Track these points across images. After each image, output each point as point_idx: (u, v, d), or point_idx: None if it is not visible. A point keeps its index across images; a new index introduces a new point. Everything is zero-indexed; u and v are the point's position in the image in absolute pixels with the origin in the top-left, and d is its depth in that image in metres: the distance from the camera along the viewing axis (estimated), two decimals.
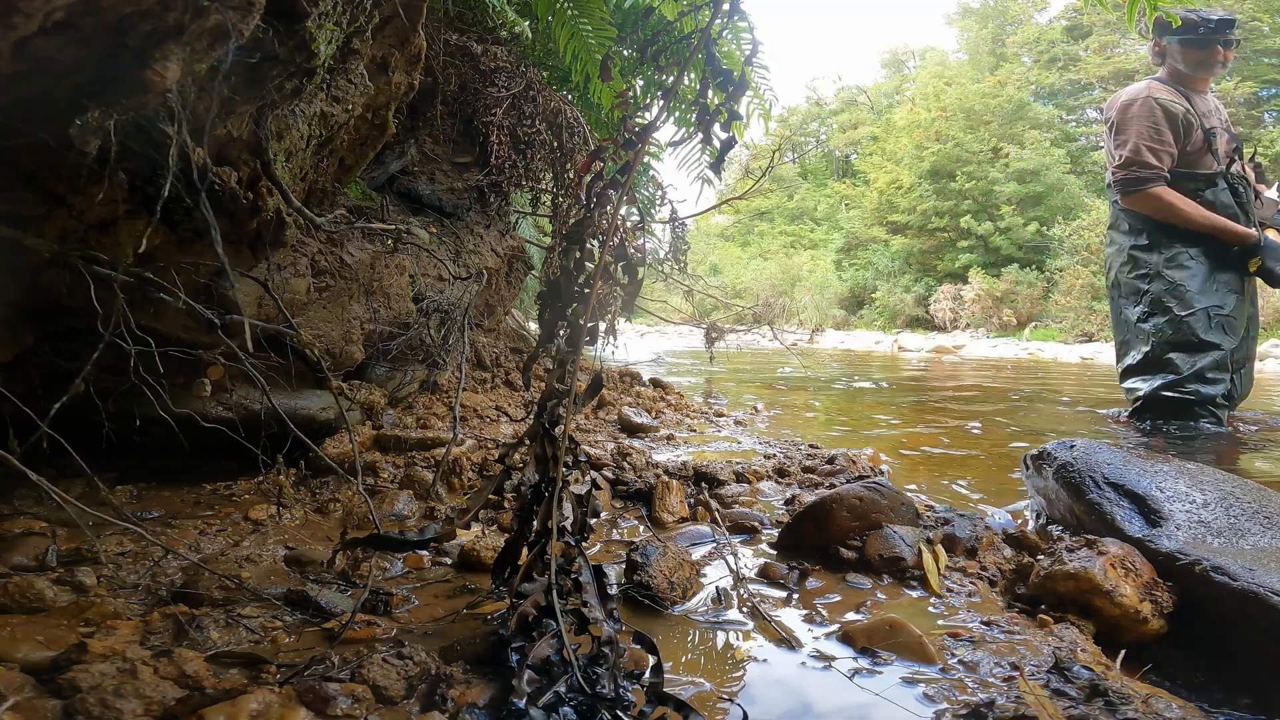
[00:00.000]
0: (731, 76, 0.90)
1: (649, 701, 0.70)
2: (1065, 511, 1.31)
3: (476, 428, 2.11)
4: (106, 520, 0.97)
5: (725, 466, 1.70)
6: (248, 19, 0.86)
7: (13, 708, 0.66)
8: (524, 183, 2.69)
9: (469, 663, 0.79)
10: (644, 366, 4.90)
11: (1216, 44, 2.68)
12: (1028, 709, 0.73)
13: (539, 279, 3.32)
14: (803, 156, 40.07)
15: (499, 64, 2.51)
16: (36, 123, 0.88)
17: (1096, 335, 14.65)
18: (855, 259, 25.33)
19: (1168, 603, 0.96)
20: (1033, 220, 19.72)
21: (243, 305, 1.16)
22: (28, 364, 1.22)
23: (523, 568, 0.85)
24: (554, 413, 0.90)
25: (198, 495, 1.42)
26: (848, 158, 38.05)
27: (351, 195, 2.01)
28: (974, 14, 33.08)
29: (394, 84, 1.57)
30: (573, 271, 0.91)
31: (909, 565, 1.14)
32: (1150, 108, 2.67)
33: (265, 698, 0.69)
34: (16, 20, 0.69)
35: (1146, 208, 2.72)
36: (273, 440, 1.34)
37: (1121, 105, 2.77)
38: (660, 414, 2.68)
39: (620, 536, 1.35)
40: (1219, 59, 2.71)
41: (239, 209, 1.14)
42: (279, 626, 0.88)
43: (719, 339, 4.58)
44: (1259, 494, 1.17)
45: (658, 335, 11.94)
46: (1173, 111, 2.65)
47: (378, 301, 1.85)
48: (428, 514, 1.40)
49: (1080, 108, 28.05)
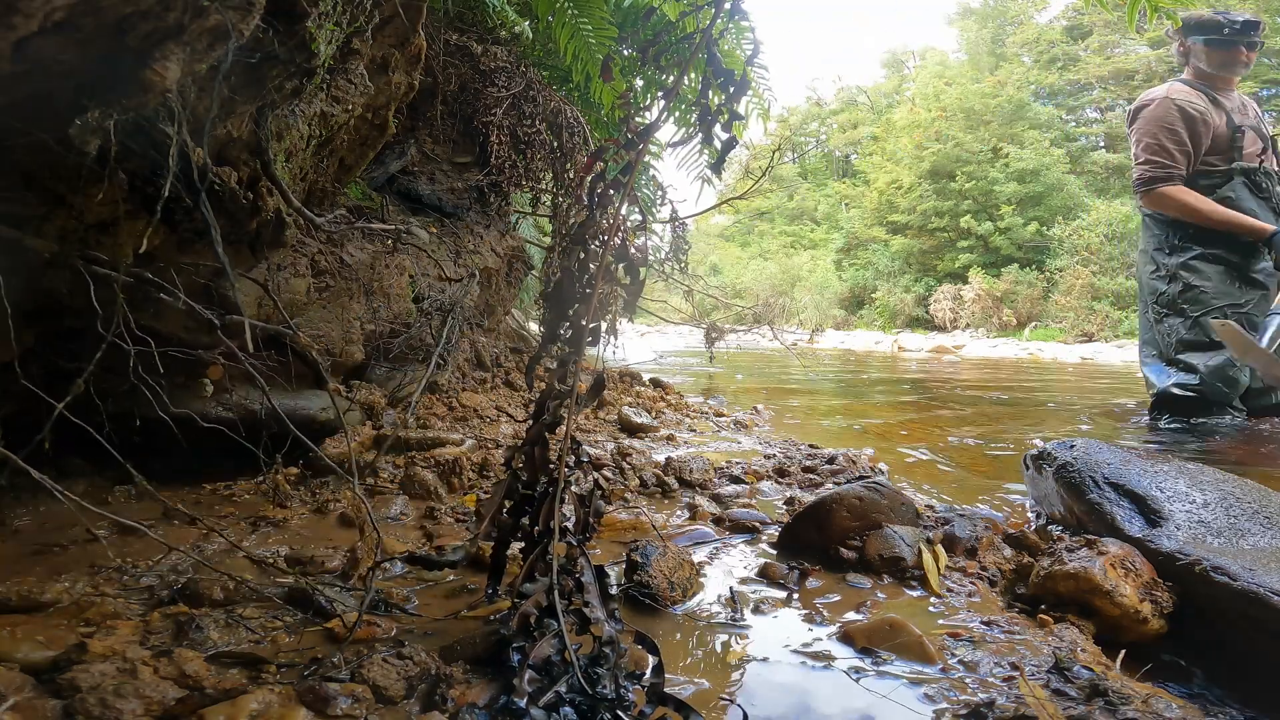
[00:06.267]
0: (733, 77, 0.90)
1: (649, 701, 0.70)
2: (1065, 511, 1.31)
3: (477, 428, 2.11)
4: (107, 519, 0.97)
5: (704, 464, 1.70)
6: (248, 19, 0.86)
7: (13, 708, 0.66)
8: (524, 183, 2.69)
9: (469, 663, 0.79)
10: (644, 366, 4.90)
11: (1240, 45, 2.74)
12: (1028, 709, 0.73)
13: (539, 279, 3.32)
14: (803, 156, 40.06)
15: (499, 64, 2.51)
16: (36, 123, 0.88)
17: (1096, 335, 14.66)
18: (855, 259, 25.33)
19: (1168, 603, 0.96)
20: (1033, 220, 19.71)
21: (243, 305, 1.16)
22: (28, 364, 1.22)
23: (524, 568, 0.85)
24: (555, 413, 0.90)
25: (198, 495, 1.42)
26: (848, 158, 38.04)
27: (351, 195, 2.01)
28: (974, 14, 33.07)
29: (394, 84, 1.57)
30: (575, 272, 0.91)
31: (909, 565, 1.14)
32: (1167, 108, 2.71)
33: (265, 698, 0.69)
34: (16, 20, 0.69)
35: (1162, 206, 2.76)
36: (273, 440, 1.34)
37: (1139, 107, 2.82)
38: (660, 414, 2.68)
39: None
40: (1242, 60, 2.76)
41: (239, 209, 1.14)
42: (279, 626, 0.88)
43: (719, 339, 4.58)
44: (1259, 494, 1.17)
45: (658, 335, 11.94)
46: (1191, 112, 2.69)
47: (378, 301, 1.85)
48: (427, 514, 1.40)
49: (1080, 108, 28.05)
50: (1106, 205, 17.18)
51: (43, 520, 1.22)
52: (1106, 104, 27.04)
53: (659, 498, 1.59)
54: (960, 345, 12.47)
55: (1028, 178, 20.44)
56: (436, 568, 1.07)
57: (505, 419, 2.25)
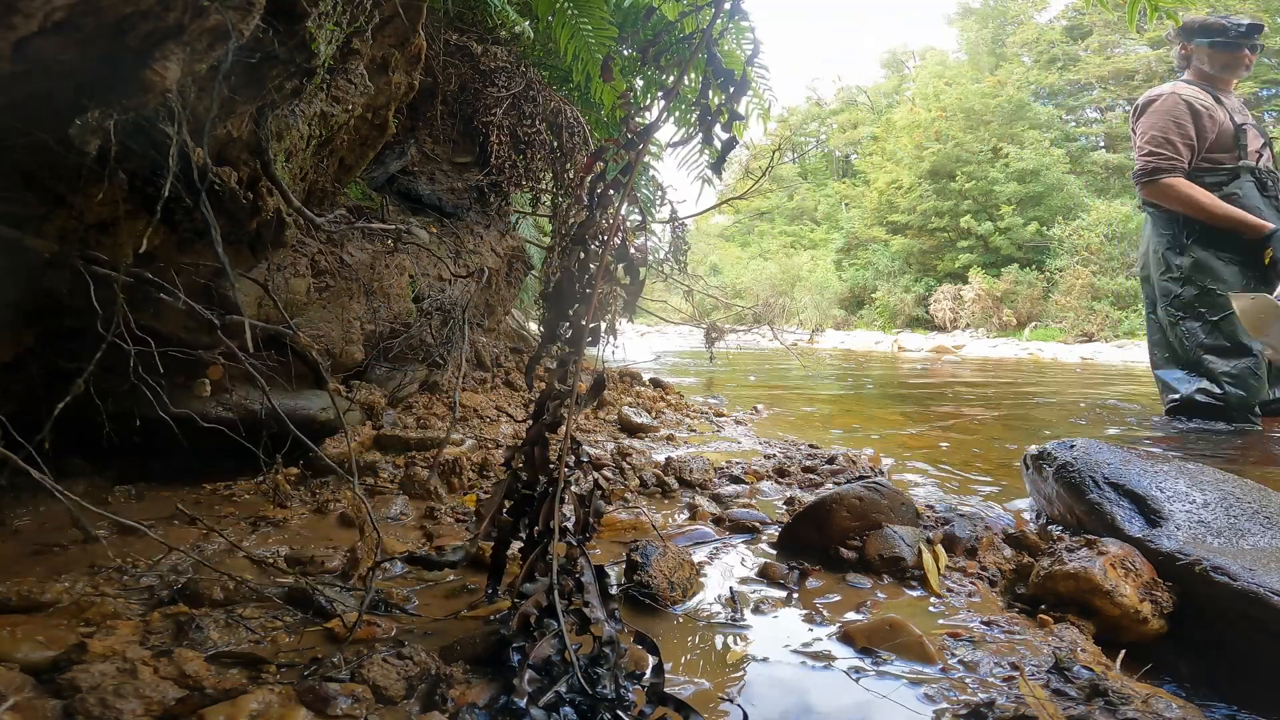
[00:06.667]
0: (733, 77, 0.90)
1: (649, 701, 0.70)
2: (1065, 511, 1.31)
3: (477, 428, 2.11)
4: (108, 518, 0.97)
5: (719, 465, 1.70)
6: (248, 19, 0.86)
7: (13, 708, 0.66)
8: (524, 183, 2.69)
9: (469, 663, 0.79)
10: (644, 366, 4.90)
11: (1244, 48, 2.76)
12: (1028, 709, 0.73)
13: (539, 279, 3.32)
14: (803, 156, 40.05)
15: (499, 64, 2.51)
16: (36, 123, 0.88)
17: (1096, 335, 14.65)
18: (855, 259, 25.32)
19: (1168, 603, 0.96)
20: (1033, 220, 19.71)
21: (243, 305, 1.16)
22: (29, 364, 1.22)
23: (524, 567, 0.85)
24: (555, 413, 0.90)
25: (198, 495, 1.42)
26: (848, 158, 38.03)
27: (351, 195, 2.01)
28: (974, 14, 33.06)
29: (394, 84, 1.57)
30: (575, 272, 0.91)
31: (909, 565, 1.14)
32: (1174, 102, 2.72)
33: (265, 698, 0.69)
34: (16, 20, 0.69)
35: (1163, 197, 2.75)
36: (273, 440, 1.34)
37: (1145, 101, 2.82)
38: (660, 414, 2.68)
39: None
40: (1244, 62, 2.79)
41: (239, 209, 1.14)
42: (279, 626, 0.88)
43: (719, 339, 4.58)
44: (1259, 494, 1.17)
45: (658, 335, 11.94)
46: (1197, 107, 2.69)
47: (378, 301, 1.85)
48: (427, 514, 1.40)
49: (1080, 108, 28.05)
50: (1106, 205, 17.18)
51: (43, 520, 1.22)
52: (1106, 104, 27.04)
53: (659, 498, 1.59)
54: (960, 345, 12.46)
55: (1028, 178, 20.44)
56: (436, 568, 1.07)
57: (505, 419, 2.25)
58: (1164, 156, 2.69)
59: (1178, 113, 2.70)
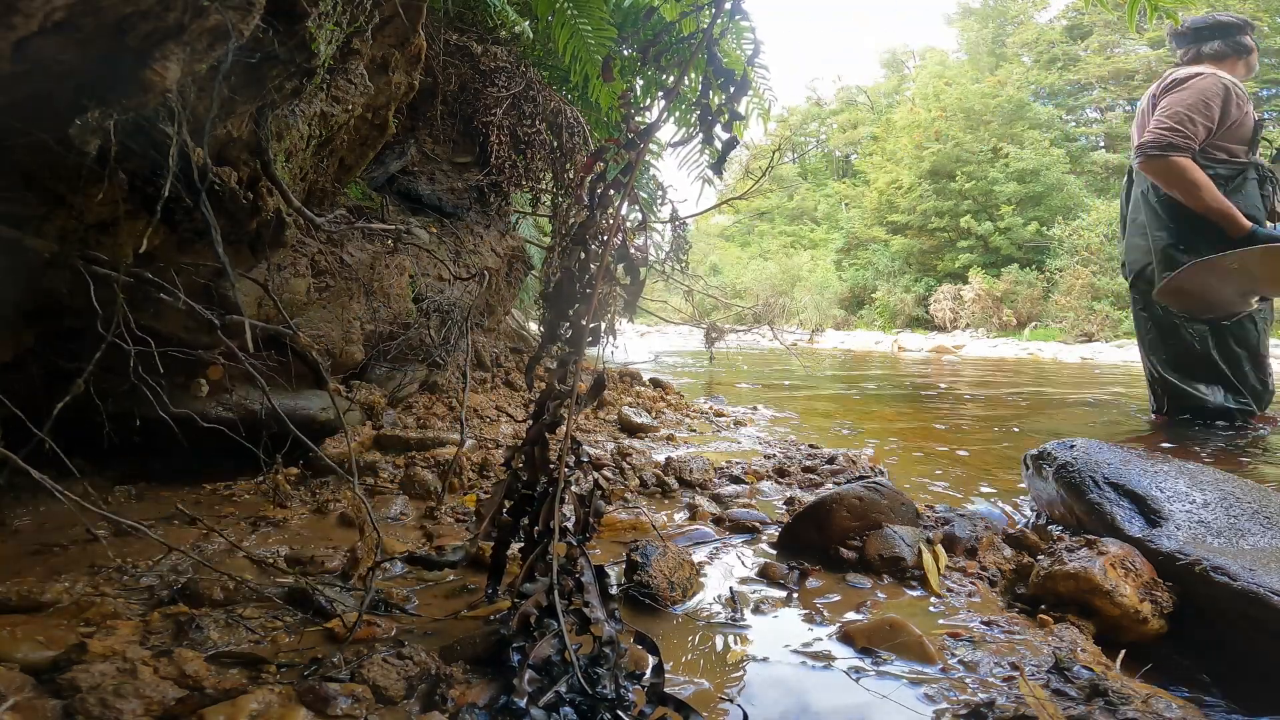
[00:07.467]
0: (733, 77, 0.90)
1: (649, 701, 0.70)
2: (1065, 511, 1.31)
3: (477, 428, 2.11)
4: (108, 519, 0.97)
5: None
6: (248, 19, 0.86)
7: (13, 708, 0.66)
8: (524, 183, 2.69)
9: (469, 663, 0.79)
10: (644, 366, 4.90)
11: (1255, 51, 2.80)
12: (1028, 709, 0.73)
13: (539, 279, 3.32)
14: (803, 156, 40.04)
15: (499, 64, 2.51)
16: (36, 123, 0.88)
17: (1096, 335, 14.65)
18: (855, 259, 25.33)
19: (1168, 603, 0.96)
20: (1033, 220, 19.71)
21: (243, 305, 1.16)
22: (29, 364, 1.22)
23: (524, 567, 0.85)
24: (555, 413, 0.90)
25: (198, 495, 1.42)
26: (848, 158, 38.03)
27: (351, 195, 2.01)
28: (974, 14, 33.07)
29: (394, 84, 1.57)
30: (575, 272, 0.91)
31: (909, 565, 1.14)
32: (1213, 83, 2.60)
33: (265, 698, 0.69)
34: (16, 20, 0.69)
35: (1166, 175, 2.64)
36: (273, 440, 1.34)
37: (1183, 76, 2.68)
38: (660, 414, 2.68)
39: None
40: (1253, 65, 2.83)
41: (239, 209, 1.14)
42: (279, 626, 0.88)
43: (719, 339, 4.58)
44: (1259, 494, 1.17)
45: (658, 335, 11.94)
46: (1234, 92, 2.62)
47: (378, 301, 1.85)
48: (427, 514, 1.40)
49: (1080, 108, 28.05)
50: (1106, 205, 17.16)
51: (43, 520, 1.22)
52: (1106, 104, 27.04)
53: (659, 498, 1.59)
54: (960, 345, 12.46)
55: (1028, 178, 20.44)
56: (436, 568, 1.08)
57: (505, 419, 2.25)
58: (1181, 134, 2.59)
59: (1211, 94, 2.59)
